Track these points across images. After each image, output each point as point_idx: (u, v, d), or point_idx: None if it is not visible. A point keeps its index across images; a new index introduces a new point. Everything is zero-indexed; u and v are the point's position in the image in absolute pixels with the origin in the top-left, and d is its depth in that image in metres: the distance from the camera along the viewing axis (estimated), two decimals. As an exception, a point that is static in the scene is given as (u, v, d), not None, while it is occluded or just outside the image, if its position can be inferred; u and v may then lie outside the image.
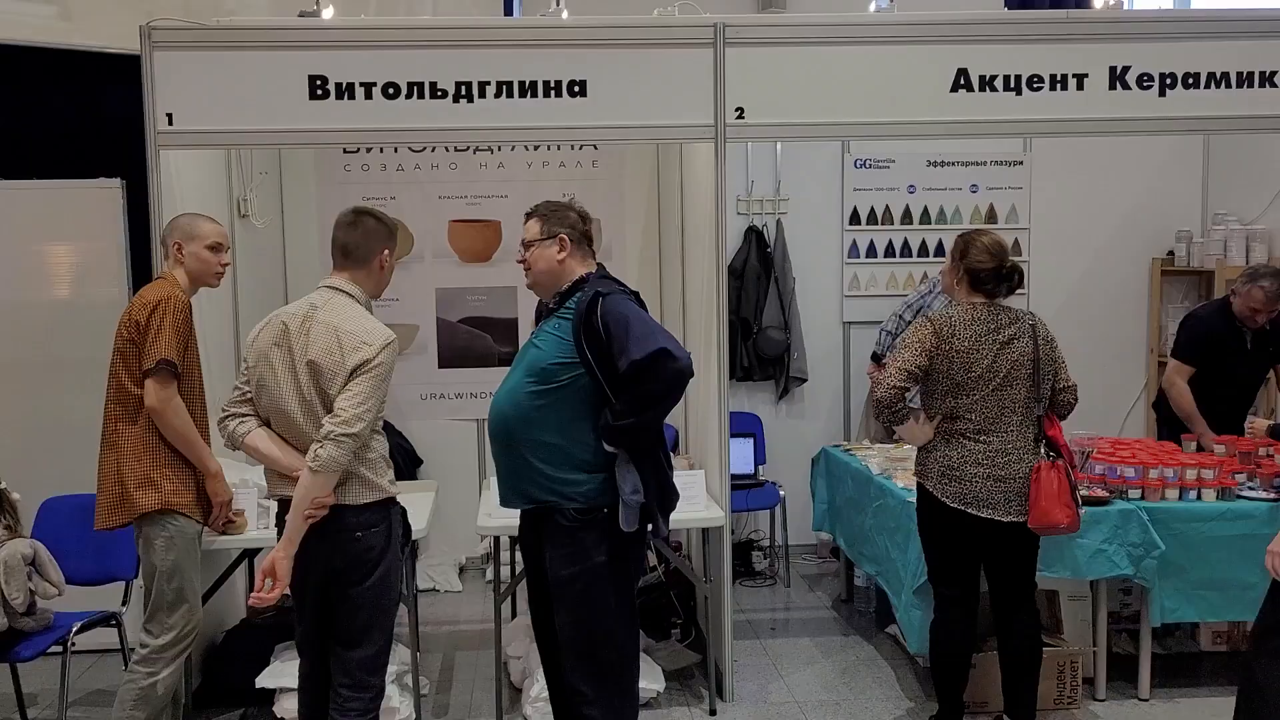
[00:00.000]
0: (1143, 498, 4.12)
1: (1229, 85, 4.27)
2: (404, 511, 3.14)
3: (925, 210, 6.05)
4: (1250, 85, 4.28)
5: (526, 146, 4.99)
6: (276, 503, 3.09)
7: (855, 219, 6.06)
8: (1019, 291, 3.75)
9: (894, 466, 4.64)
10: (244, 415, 3.02)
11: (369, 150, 4.97)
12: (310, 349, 2.90)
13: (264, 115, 3.91)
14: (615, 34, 3.98)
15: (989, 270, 3.56)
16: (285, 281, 5.09)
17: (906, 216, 6.06)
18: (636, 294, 3.09)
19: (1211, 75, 4.23)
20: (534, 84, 3.93)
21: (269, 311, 3.08)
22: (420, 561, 5.62)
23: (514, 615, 4.73)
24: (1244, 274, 4.79)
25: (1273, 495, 4.11)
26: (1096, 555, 4.01)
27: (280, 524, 2.99)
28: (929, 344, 3.51)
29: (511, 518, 3.34)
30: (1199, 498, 4.13)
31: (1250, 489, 4.18)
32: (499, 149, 5.01)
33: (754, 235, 5.99)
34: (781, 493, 5.69)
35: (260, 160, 4.90)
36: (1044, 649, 3.81)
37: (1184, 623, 4.49)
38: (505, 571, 4.42)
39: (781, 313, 5.94)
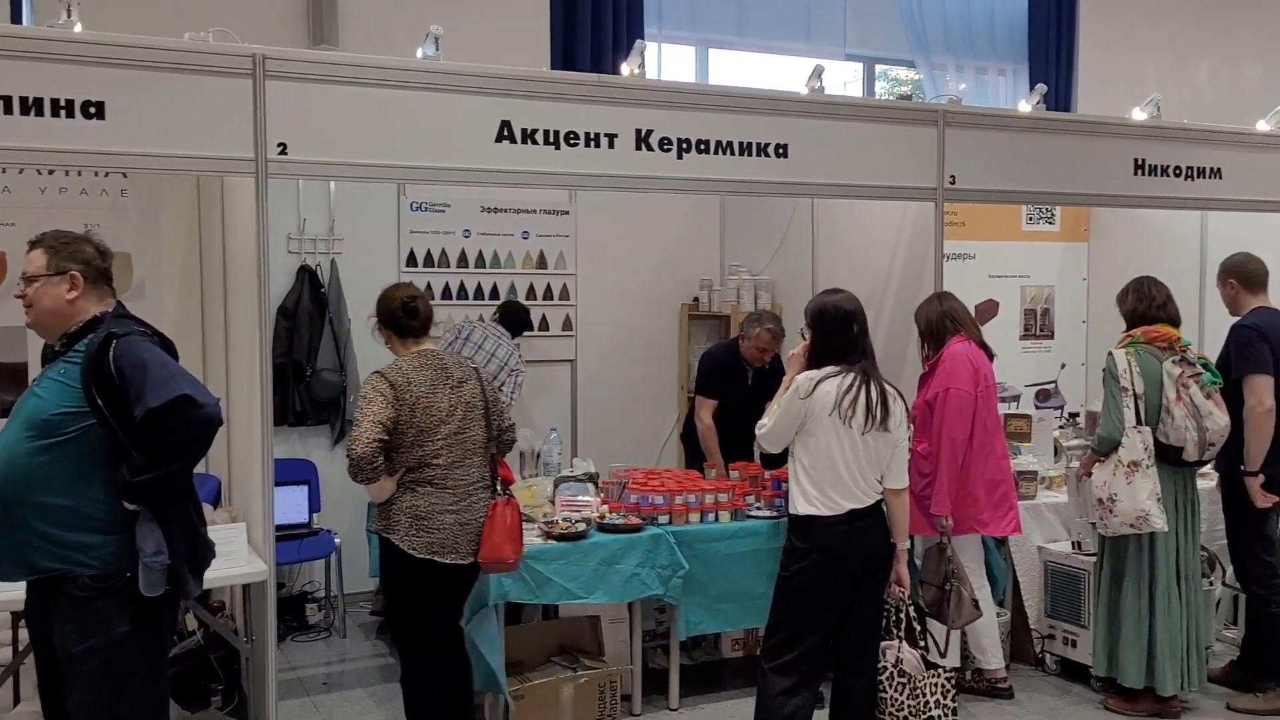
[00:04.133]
0: (670, 522, 4.51)
1: (744, 153, 4.85)
2: None
3: (480, 254, 6.24)
4: (765, 155, 4.89)
5: (38, 170, 4.48)
6: None
7: (412, 261, 6.10)
8: (567, 332, 4.00)
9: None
10: None
11: None
12: None
13: None
14: (139, 54, 3.67)
15: (416, 313, 3.76)
16: None
17: (462, 260, 6.21)
18: (161, 335, 2.88)
19: (724, 143, 4.78)
20: (39, 100, 3.53)
21: None
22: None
23: (16, 701, 4.15)
24: (748, 318, 5.45)
25: (774, 514, 4.68)
26: (632, 579, 4.33)
27: None
28: (389, 395, 3.57)
29: (15, 590, 2.95)
30: (716, 519, 4.60)
31: (758, 509, 4.73)
32: (3, 170, 4.46)
33: (307, 275, 5.82)
34: (337, 540, 5.53)
35: None
36: (588, 672, 4.04)
37: (709, 634, 4.94)
38: (7, 653, 3.88)
39: (337, 354, 5.82)
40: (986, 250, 7.18)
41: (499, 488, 3.76)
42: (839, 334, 3.68)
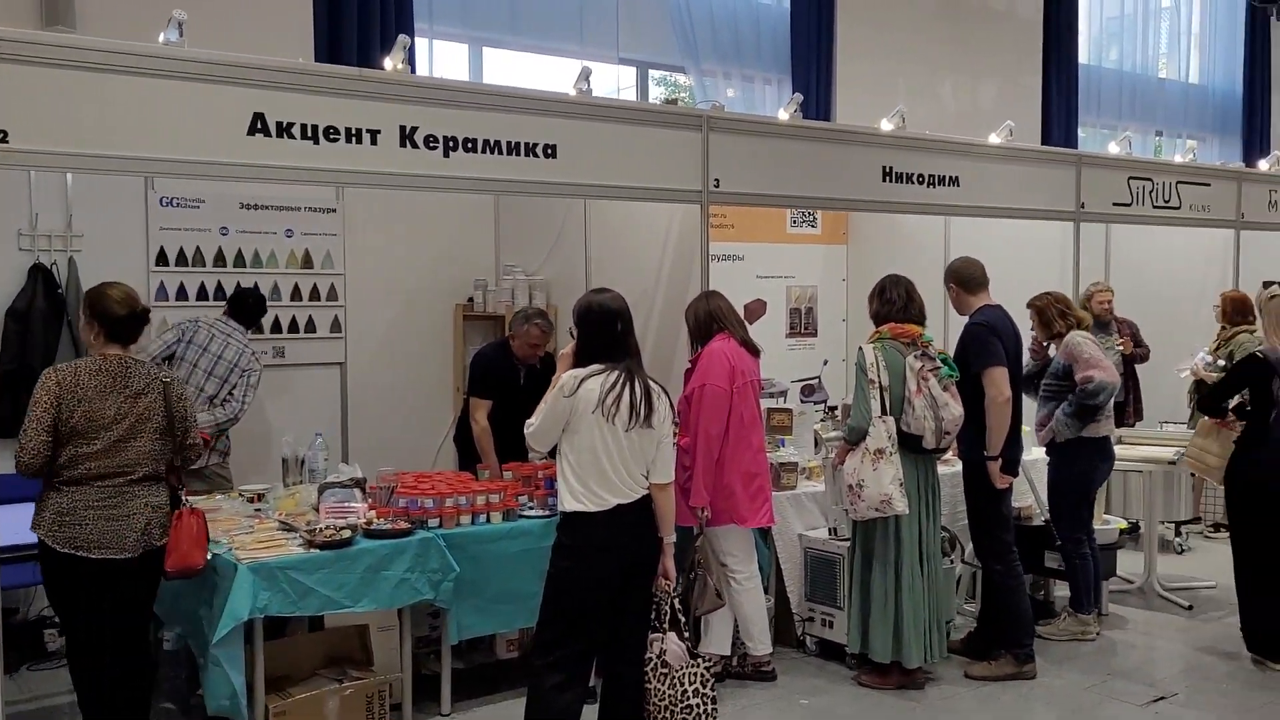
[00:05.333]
0: (441, 525, 4.45)
1: (512, 153, 4.83)
2: None
3: (240, 253, 5.93)
4: (534, 155, 4.89)
5: None
6: None
7: (163, 259, 5.73)
8: (336, 334, 3.89)
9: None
10: None
11: None
12: None
13: None
14: None
15: (122, 318, 3.72)
16: None
17: (220, 259, 5.89)
18: None
19: (492, 142, 4.75)
20: None
21: None
22: None
23: None
24: (517, 316, 5.44)
25: (546, 513, 4.69)
26: (401, 585, 4.24)
27: None
28: (54, 394, 3.58)
29: None
30: (489, 520, 4.57)
31: (530, 509, 4.73)
32: None
33: (41, 274, 5.37)
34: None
35: None
36: (355, 682, 3.93)
37: (483, 636, 4.89)
38: None
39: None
40: (754, 251, 7.48)
41: (182, 499, 3.83)
42: (602, 333, 3.73)
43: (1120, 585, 6.13)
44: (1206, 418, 5.56)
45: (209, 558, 3.92)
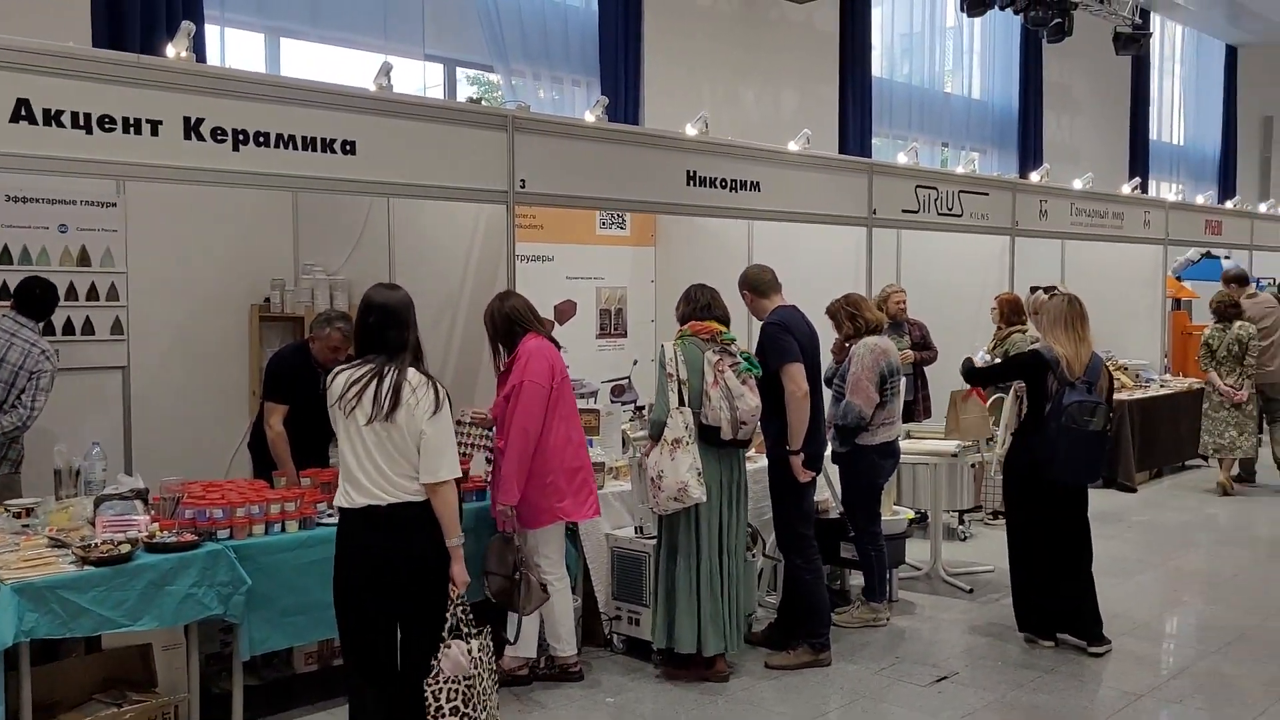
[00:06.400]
0: (231, 536, 4.25)
1: (308, 148, 4.66)
2: None
3: (6, 249, 5.49)
4: (331, 151, 4.73)
5: None
6: None
7: (-83, 256, 5.25)
8: (117, 336, 3.65)
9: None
10: None
11: None
12: None
13: None
14: None
15: None
16: None
17: (-15, 255, 5.44)
18: None
19: (287, 137, 4.57)
20: None
21: None
22: None
23: None
24: (318, 319, 5.26)
25: (346, 519, 4.55)
26: (187, 600, 4.02)
27: None
28: None
29: None
30: (284, 529, 4.40)
31: (329, 515, 4.57)
32: None
33: None
34: None
35: None
36: (134, 706, 3.70)
37: (279, 650, 4.70)
38: None
39: None
40: (564, 253, 7.50)
41: None
42: (362, 326, 3.72)
43: (909, 572, 6.47)
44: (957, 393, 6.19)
45: None
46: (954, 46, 13.72)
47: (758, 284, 5.23)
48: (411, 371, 3.63)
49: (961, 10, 11.31)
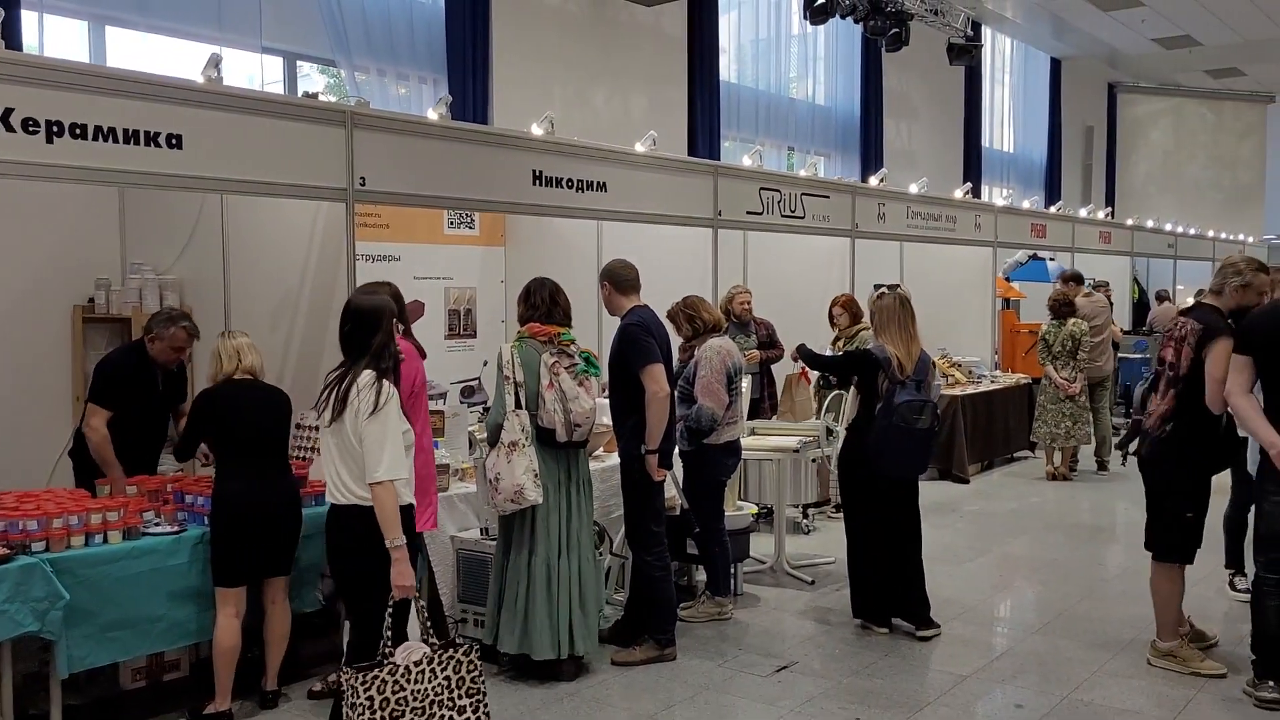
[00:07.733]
0: (48, 549, 4.03)
1: (130, 142, 4.45)
2: None
3: None
4: (156, 145, 4.53)
5: None
6: None
7: None
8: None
9: None
10: None
11: None
12: None
13: None
14: None
15: None
16: None
17: None
18: None
19: (106, 129, 4.35)
20: None
21: None
22: None
23: None
24: (156, 317, 5.02)
25: (176, 529, 4.38)
26: (-3, 618, 3.80)
27: None
28: None
29: None
30: (106, 540, 4.19)
31: (156, 524, 4.39)
32: None
33: None
34: None
35: None
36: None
37: (102, 667, 4.48)
38: None
39: None
40: (411, 252, 7.39)
41: None
42: (340, 332, 3.88)
43: (754, 566, 6.63)
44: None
45: None
46: (799, 53, 14.11)
47: (619, 280, 5.24)
48: (366, 373, 3.73)
49: (805, 19, 11.63)
